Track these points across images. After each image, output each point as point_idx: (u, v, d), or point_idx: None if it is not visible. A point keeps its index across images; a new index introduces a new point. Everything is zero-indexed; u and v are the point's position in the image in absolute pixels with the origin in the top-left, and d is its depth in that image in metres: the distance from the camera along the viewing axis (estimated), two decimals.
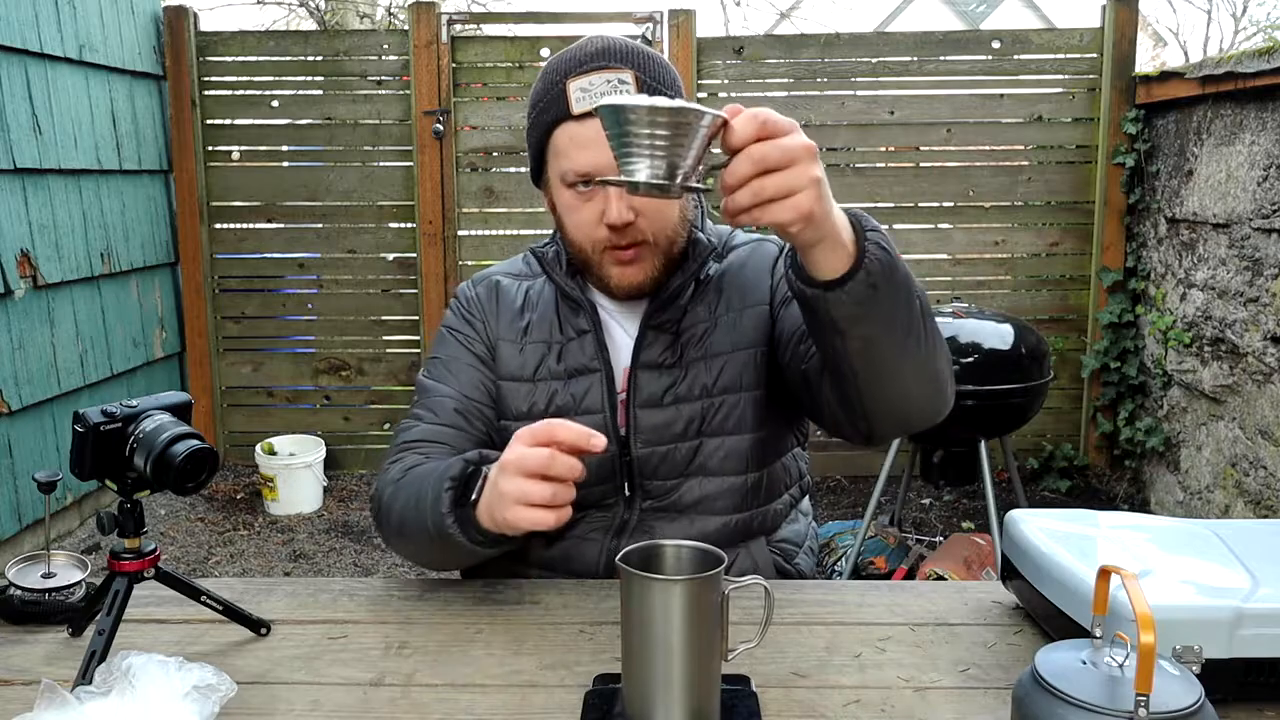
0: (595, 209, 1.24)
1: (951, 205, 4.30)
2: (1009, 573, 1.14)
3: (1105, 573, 0.85)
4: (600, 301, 1.35)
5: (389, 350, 4.50)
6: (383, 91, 4.30)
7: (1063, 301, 4.30)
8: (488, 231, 4.41)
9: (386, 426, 4.48)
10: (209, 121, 4.34)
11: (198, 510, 4.04)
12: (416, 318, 4.41)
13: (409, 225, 4.36)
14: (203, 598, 1.10)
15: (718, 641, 0.91)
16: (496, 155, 4.36)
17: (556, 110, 1.23)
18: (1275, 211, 3.02)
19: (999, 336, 3.07)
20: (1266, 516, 3.01)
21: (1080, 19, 4.48)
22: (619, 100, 0.87)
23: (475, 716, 0.96)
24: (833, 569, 3.30)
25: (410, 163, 4.30)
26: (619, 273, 1.27)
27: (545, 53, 4.23)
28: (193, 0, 4.30)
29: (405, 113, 4.28)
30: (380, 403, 4.50)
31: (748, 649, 0.96)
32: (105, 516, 1.02)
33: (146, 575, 1.04)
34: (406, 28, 4.27)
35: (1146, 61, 12.74)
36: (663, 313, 1.31)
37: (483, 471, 1.12)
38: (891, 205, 4.30)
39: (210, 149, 4.34)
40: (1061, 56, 4.18)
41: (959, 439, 3.11)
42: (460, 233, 4.33)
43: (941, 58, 4.20)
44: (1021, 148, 4.24)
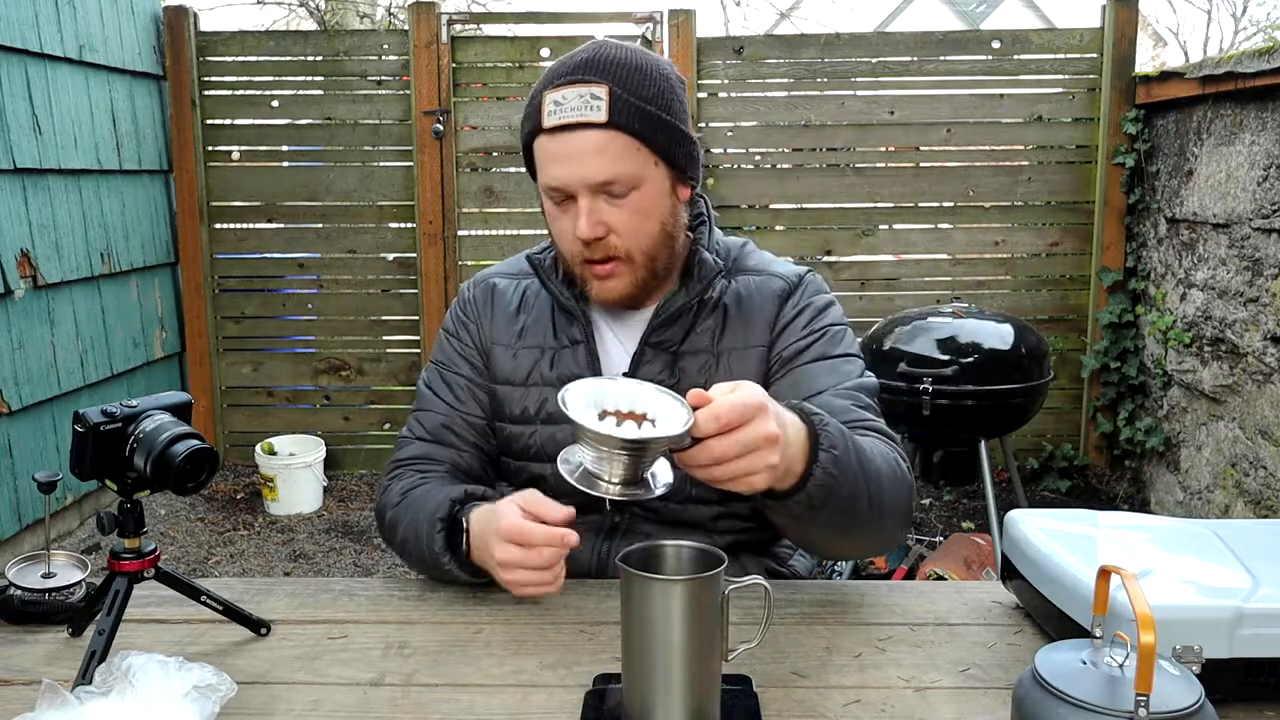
0: (570, 221, 1.23)
1: (951, 205, 4.30)
2: (1009, 573, 1.14)
3: (1105, 573, 0.85)
4: (596, 313, 1.34)
5: (389, 350, 4.49)
6: (383, 91, 4.30)
7: (1063, 301, 4.30)
8: (488, 231, 4.41)
9: (386, 427, 4.48)
10: (209, 121, 4.34)
11: (198, 510, 4.04)
12: (416, 318, 4.40)
13: (409, 225, 4.35)
14: (203, 598, 1.10)
15: (718, 641, 0.92)
16: (496, 155, 4.36)
17: (533, 122, 1.23)
18: (1275, 211, 3.02)
19: (999, 336, 3.07)
20: (1266, 516, 3.00)
21: (1080, 19, 4.47)
22: (580, 420, 0.92)
23: (475, 716, 0.96)
24: (833, 569, 3.30)
25: (410, 163, 4.30)
26: (597, 286, 1.27)
27: (545, 53, 4.23)
28: (193, 0, 4.30)
29: (405, 113, 4.28)
30: (380, 403, 4.50)
31: (748, 649, 0.96)
32: (105, 516, 1.02)
33: (146, 575, 1.05)
34: (406, 28, 4.27)
35: (1146, 61, 12.73)
36: (664, 330, 1.30)
37: (465, 521, 1.19)
38: (891, 205, 4.30)
39: (210, 149, 4.34)
40: (1061, 56, 4.18)
41: (959, 439, 3.10)
42: (460, 233, 4.33)
43: (941, 58, 4.20)
44: (1021, 148, 4.24)
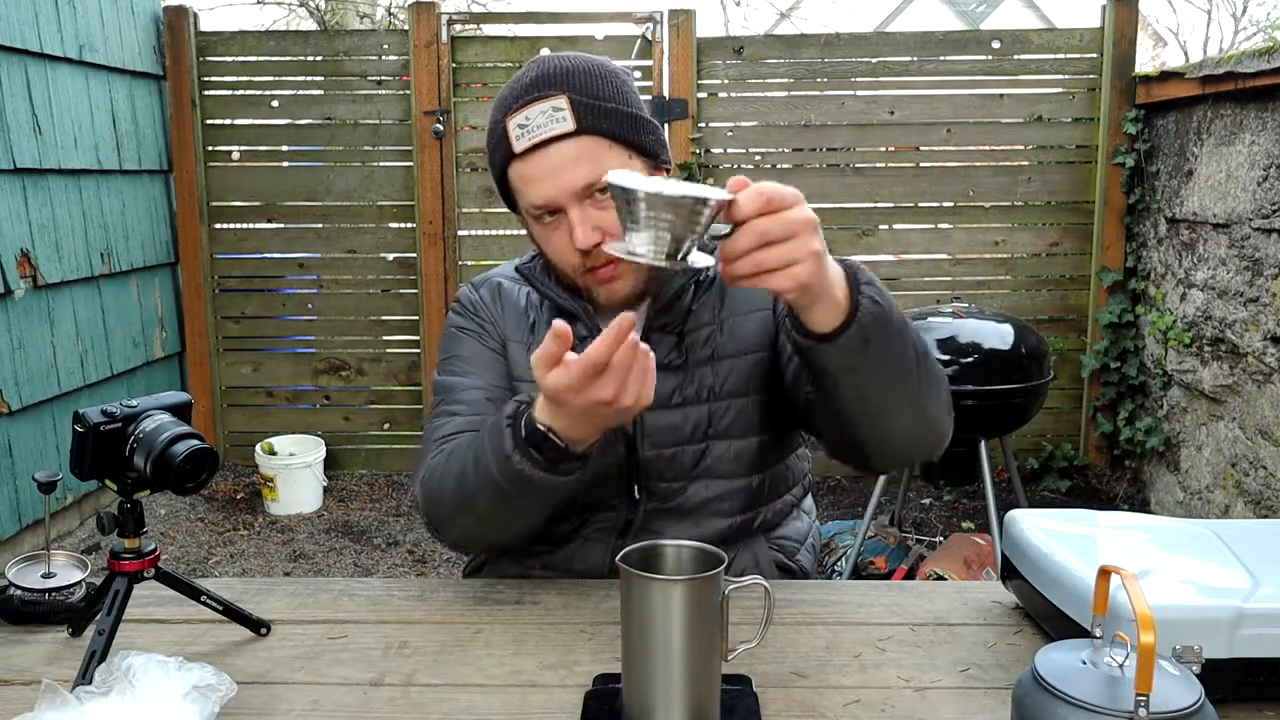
0: (564, 236, 1.24)
1: (951, 205, 4.29)
2: (1009, 573, 1.14)
3: (1105, 573, 0.85)
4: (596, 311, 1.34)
5: (389, 350, 4.49)
6: (383, 91, 4.29)
7: (1063, 301, 4.30)
8: (488, 231, 4.41)
9: (386, 427, 4.48)
10: (209, 121, 4.34)
11: (198, 510, 4.04)
12: (416, 318, 4.40)
13: (409, 225, 4.35)
14: (203, 598, 1.10)
15: (718, 641, 0.92)
16: None
17: (503, 151, 1.24)
18: (1275, 211, 3.02)
19: (999, 336, 3.07)
20: (1266, 516, 3.00)
21: (1080, 19, 4.47)
22: (626, 182, 0.89)
23: (475, 716, 0.96)
24: (833, 569, 3.30)
25: (410, 163, 4.30)
26: (604, 290, 1.27)
27: (545, 52, 4.21)
28: (193, 0, 4.30)
29: (405, 113, 4.28)
30: (380, 403, 4.49)
31: (748, 649, 0.96)
32: (105, 516, 1.02)
33: (146, 575, 1.05)
34: (406, 28, 4.27)
35: (1146, 61, 12.74)
36: (665, 314, 1.31)
37: (530, 407, 1.10)
38: (891, 205, 4.30)
39: (210, 149, 4.34)
40: (1061, 56, 4.18)
41: (959, 439, 3.06)
42: (460, 233, 4.33)
43: (941, 58, 4.20)
44: (1021, 148, 4.24)
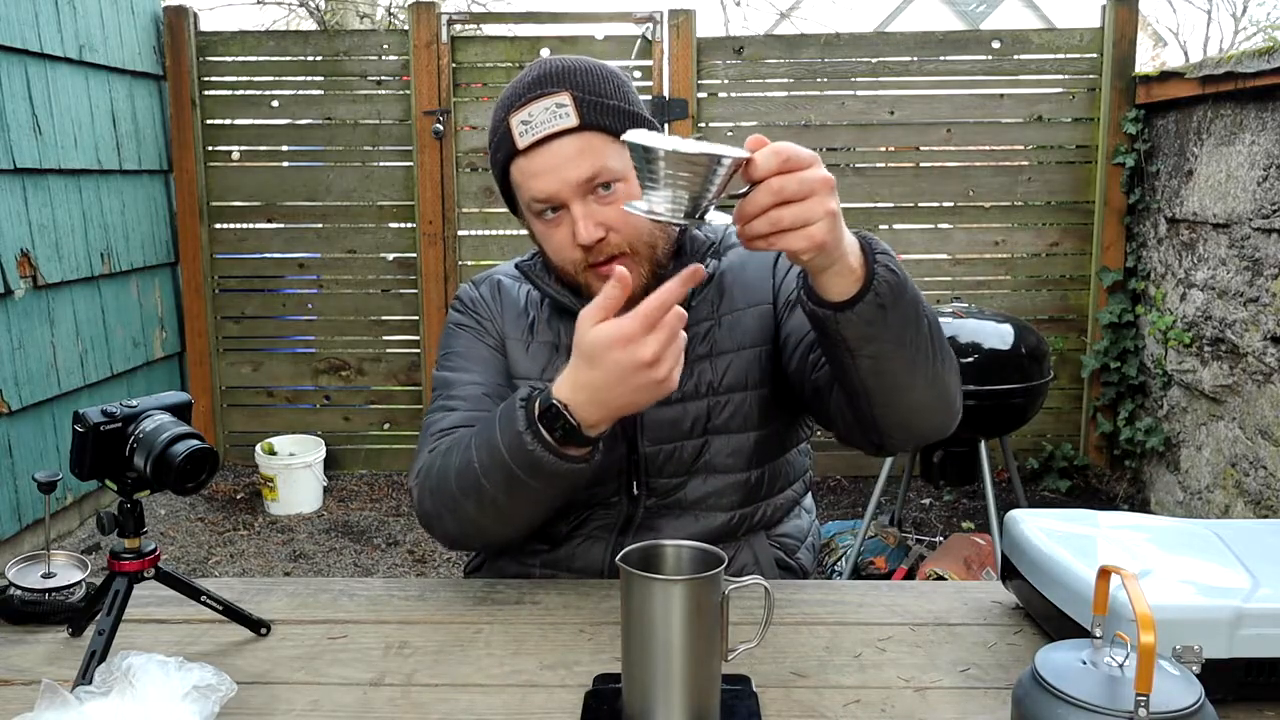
0: (566, 232, 1.24)
1: (951, 205, 4.29)
2: (1009, 573, 1.14)
3: (1105, 573, 0.85)
4: None
5: (389, 350, 4.49)
6: (383, 91, 4.29)
7: (1063, 301, 4.30)
8: (488, 231, 4.41)
9: (386, 426, 4.48)
10: (209, 121, 4.34)
11: (198, 510, 4.04)
12: (416, 318, 4.40)
13: (409, 225, 4.35)
14: (203, 598, 1.10)
15: (718, 641, 0.92)
16: None
17: (506, 148, 1.25)
18: (1275, 211, 3.02)
19: (999, 336, 3.07)
20: (1266, 516, 3.00)
21: (1080, 19, 4.47)
22: (645, 140, 0.89)
23: (475, 716, 0.96)
24: (833, 569, 3.30)
25: (410, 163, 4.30)
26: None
27: (545, 53, 4.22)
28: (193, 0, 4.30)
29: (405, 113, 4.28)
30: (380, 403, 4.49)
31: (748, 649, 0.96)
32: (105, 516, 1.02)
33: (146, 575, 1.05)
34: (406, 28, 4.27)
35: (1146, 61, 12.73)
36: None
37: (546, 390, 1.09)
38: (891, 205, 4.30)
39: (210, 149, 4.34)
40: (1061, 56, 4.18)
41: (959, 439, 3.10)
42: (460, 233, 4.33)
43: (941, 58, 4.20)
44: (1021, 148, 4.24)
